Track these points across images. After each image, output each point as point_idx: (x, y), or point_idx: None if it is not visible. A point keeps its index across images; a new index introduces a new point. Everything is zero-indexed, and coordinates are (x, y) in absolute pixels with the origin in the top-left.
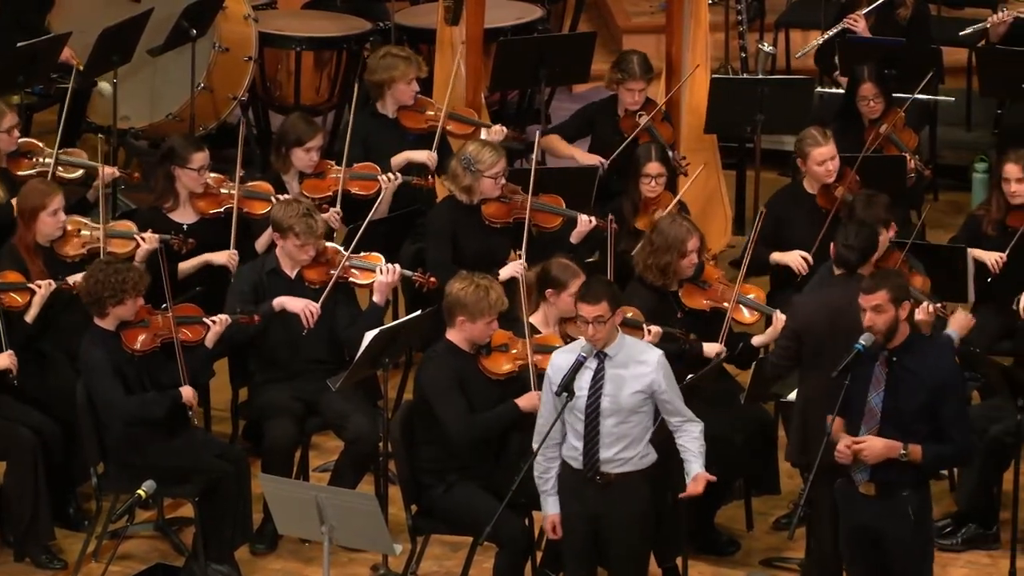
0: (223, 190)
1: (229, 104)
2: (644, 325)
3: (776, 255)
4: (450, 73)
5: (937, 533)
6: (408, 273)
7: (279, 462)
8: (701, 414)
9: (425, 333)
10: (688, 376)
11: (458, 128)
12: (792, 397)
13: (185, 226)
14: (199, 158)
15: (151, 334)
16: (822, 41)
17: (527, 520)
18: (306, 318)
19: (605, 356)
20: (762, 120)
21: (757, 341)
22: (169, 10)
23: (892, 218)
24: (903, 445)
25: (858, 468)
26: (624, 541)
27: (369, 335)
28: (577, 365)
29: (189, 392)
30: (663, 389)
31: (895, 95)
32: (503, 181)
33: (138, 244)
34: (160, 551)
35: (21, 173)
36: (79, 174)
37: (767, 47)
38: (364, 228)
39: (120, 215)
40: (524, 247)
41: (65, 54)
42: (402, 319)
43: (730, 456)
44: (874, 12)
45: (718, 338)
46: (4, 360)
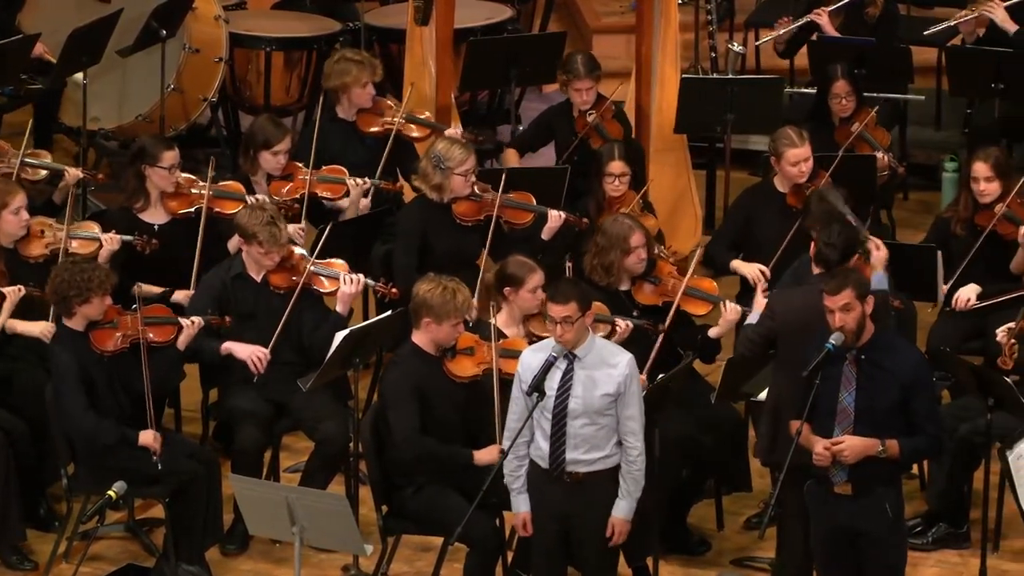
0: (193, 190)
1: (199, 105)
2: (615, 319)
3: (735, 263)
4: (420, 74)
5: (908, 533)
6: (371, 283)
7: (248, 465)
8: (672, 414)
9: (395, 334)
10: (659, 376)
11: (417, 131)
12: (763, 397)
13: (156, 226)
14: (169, 156)
15: (120, 334)
16: (783, 32)
17: (498, 520)
18: (254, 364)
19: (574, 357)
20: (732, 120)
21: (714, 333)
22: (139, 11)
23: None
24: (881, 442)
25: (836, 469)
26: (594, 541)
27: (339, 335)
28: (548, 365)
29: (149, 437)
30: (628, 392)
31: (865, 94)
32: (473, 179)
33: (101, 245)
34: (131, 552)
35: None
36: (43, 175)
37: (737, 47)
38: (328, 233)
39: (90, 216)
40: (487, 245)
41: (38, 49)
42: (372, 319)
43: (701, 456)
44: (843, 10)
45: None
46: None
